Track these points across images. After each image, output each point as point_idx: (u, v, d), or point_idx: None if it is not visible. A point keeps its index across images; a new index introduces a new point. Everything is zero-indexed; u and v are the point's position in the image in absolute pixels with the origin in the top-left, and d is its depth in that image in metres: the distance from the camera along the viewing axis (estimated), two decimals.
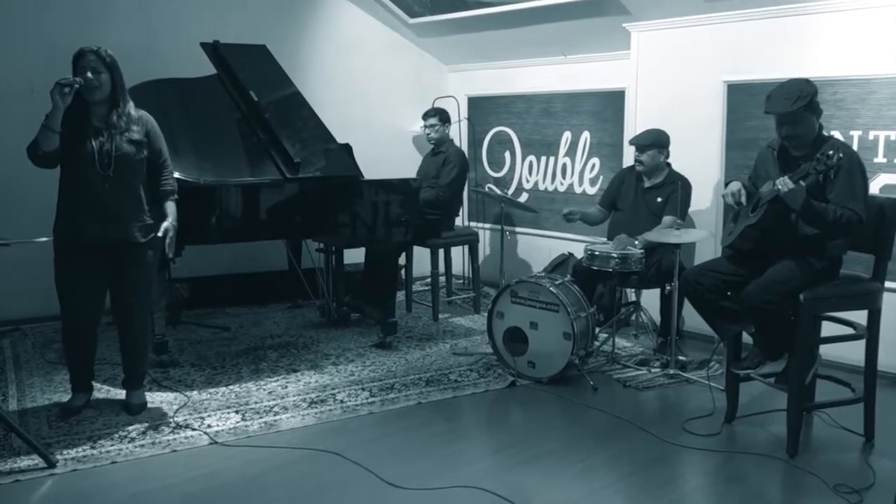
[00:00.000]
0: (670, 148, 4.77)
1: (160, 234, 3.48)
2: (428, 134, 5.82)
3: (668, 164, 4.79)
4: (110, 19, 5.32)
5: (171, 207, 3.59)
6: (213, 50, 4.88)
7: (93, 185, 3.36)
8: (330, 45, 6.34)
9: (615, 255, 4.34)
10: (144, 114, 3.56)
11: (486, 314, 4.52)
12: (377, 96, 6.59)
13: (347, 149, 5.20)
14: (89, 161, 3.34)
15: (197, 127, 4.50)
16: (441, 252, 5.77)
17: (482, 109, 6.67)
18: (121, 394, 3.85)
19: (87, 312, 3.54)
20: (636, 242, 4.43)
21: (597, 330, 4.46)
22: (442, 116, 5.78)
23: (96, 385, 3.97)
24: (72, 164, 3.37)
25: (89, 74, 3.31)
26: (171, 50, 5.38)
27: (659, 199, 4.72)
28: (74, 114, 3.32)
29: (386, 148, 6.44)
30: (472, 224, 6.64)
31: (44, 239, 3.34)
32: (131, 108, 3.48)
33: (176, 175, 4.06)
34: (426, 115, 5.83)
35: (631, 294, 5.00)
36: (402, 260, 5.63)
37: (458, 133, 6.66)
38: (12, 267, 4.91)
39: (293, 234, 5.13)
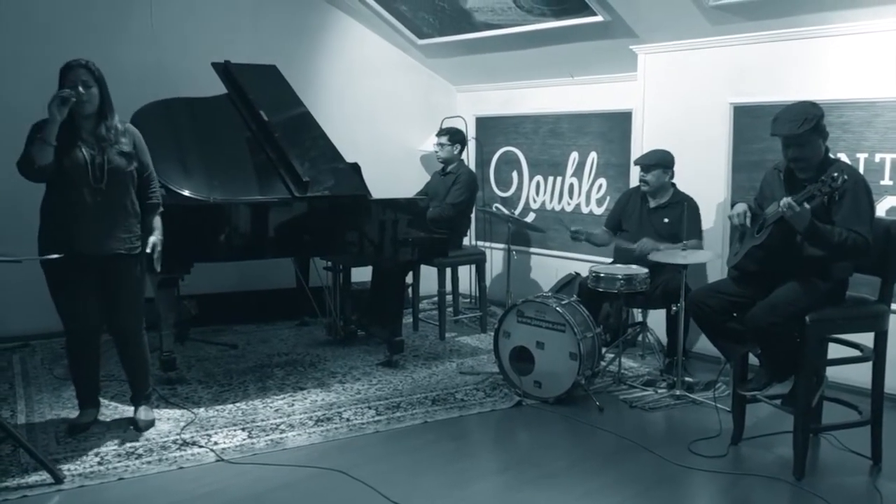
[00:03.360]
0: (676, 169, 4.78)
1: (148, 249, 3.50)
2: (437, 152, 5.83)
3: (673, 185, 4.79)
4: (122, 39, 5.37)
5: (157, 222, 3.62)
6: (224, 69, 4.91)
7: (85, 198, 3.36)
8: (340, 66, 6.38)
9: (620, 277, 4.35)
10: (130, 126, 3.59)
11: (492, 333, 4.53)
12: (386, 116, 6.62)
13: (356, 168, 5.22)
14: (81, 174, 3.35)
15: (207, 145, 4.53)
16: (448, 271, 5.76)
17: (490, 129, 6.70)
18: (129, 410, 3.86)
19: (87, 325, 3.55)
20: (661, 247, 4.41)
21: (603, 350, 4.45)
22: (453, 137, 5.76)
23: (104, 402, 3.98)
24: (62, 177, 3.36)
25: (80, 88, 3.33)
26: (181, 69, 5.41)
27: (665, 220, 4.73)
28: (61, 128, 3.32)
29: (394, 167, 6.46)
30: (480, 243, 6.64)
31: (55, 256, 3.34)
32: (118, 121, 3.51)
33: (185, 193, 4.14)
34: (439, 133, 5.84)
35: (637, 314, 4.99)
36: (409, 279, 5.60)
37: (467, 153, 6.67)
38: (22, 283, 4.87)
39: (301, 252, 5.15)
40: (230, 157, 4.54)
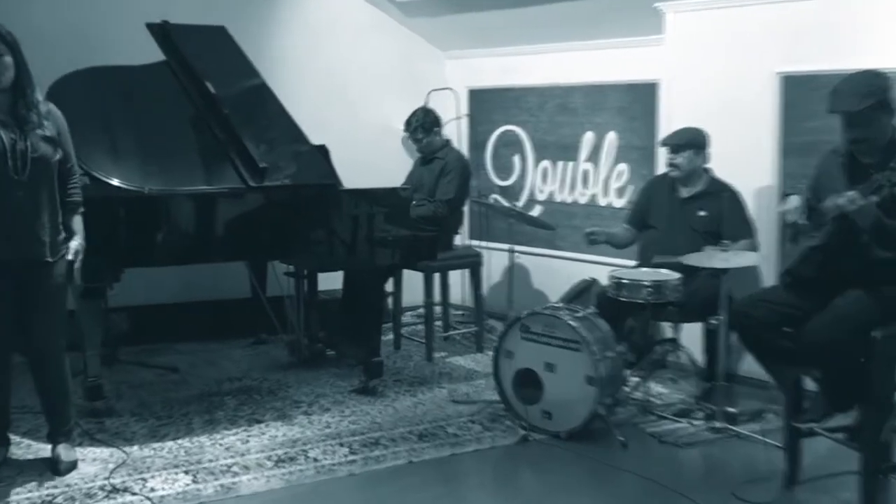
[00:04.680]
0: (711, 152, 4.78)
1: (70, 255, 3.51)
2: (416, 147, 5.91)
3: (707, 170, 4.80)
4: (30, 3, 5.28)
5: (78, 223, 3.62)
6: (162, 32, 4.90)
7: (5, 193, 3.35)
8: (301, 28, 6.35)
9: (647, 284, 4.34)
10: (53, 107, 3.58)
11: (491, 353, 4.52)
12: (359, 89, 6.60)
13: (323, 151, 5.21)
14: (1, 164, 3.33)
15: (141, 125, 4.53)
16: (437, 277, 5.75)
17: (486, 104, 6.68)
18: (46, 449, 3.82)
19: None
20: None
21: (627, 373, 4.44)
22: (426, 124, 5.83)
23: (14, 438, 3.93)
24: None
25: None
26: (109, 32, 5.36)
27: (701, 213, 4.72)
28: None
29: (369, 150, 6.43)
30: (474, 243, 6.62)
31: None
32: (39, 98, 3.48)
33: (114, 182, 4.15)
34: (407, 127, 5.92)
35: (668, 329, 4.99)
36: (388, 286, 5.62)
37: (458, 133, 6.69)
38: None
39: (256, 255, 5.11)
40: (169, 138, 4.54)
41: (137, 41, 4.90)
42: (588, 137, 6.02)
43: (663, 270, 4.51)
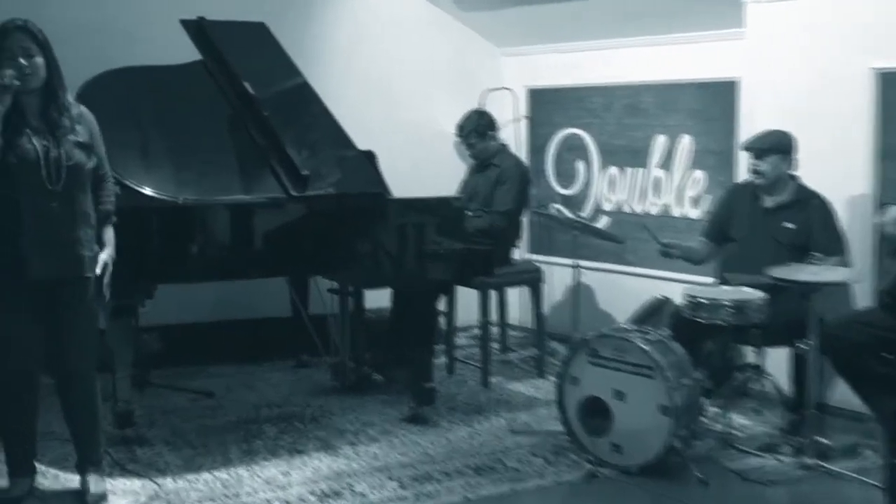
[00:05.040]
0: (798, 157, 4.72)
1: (98, 269, 3.53)
2: (469, 153, 5.91)
3: (794, 178, 4.74)
4: None
5: (108, 234, 3.65)
6: (197, 29, 4.94)
7: (37, 203, 3.39)
8: (346, 24, 6.39)
9: (728, 303, 4.27)
10: (85, 110, 3.63)
11: (554, 379, 4.50)
12: (408, 89, 6.61)
13: (369, 157, 5.23)
14: (32, 173, 3.37)
15: (175, 129, 4.57)
16: (493, 295, 5.74)
17: (547, 105, 6.66)
18: (74, 480, 3.84)
19: (24, 365, 3.57)
20: None
21: (704, 402, 4.39)
22: (480, 127, 5.82)
23: (42, 468, 3.96)
24: (6, 178, 3.38)
25: (22, 60, 3.34)
26: (143, 29, 5.44)
27: (788, 225, 4.66)
28: (5, 113, 3.34)
29: (419, 156, 6.46)
30: (534, 257, 6.61)
31: None
32: (71, 101, 3.53)
33: (146, 191, 4.20)
34: (460, 131, 5.92)
35: (750, 354, 4.91)
36: (441, 305, 5.57)
37: (515, 136, 6.67)
38: None
39: (298, 270, 5.17)
40: (205, 143, 4.58)
41: (172, 39, 4.96)
42: (660, 141, 5.97)
43: (745, 288, 4.44)
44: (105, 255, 3.61)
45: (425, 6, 6.66)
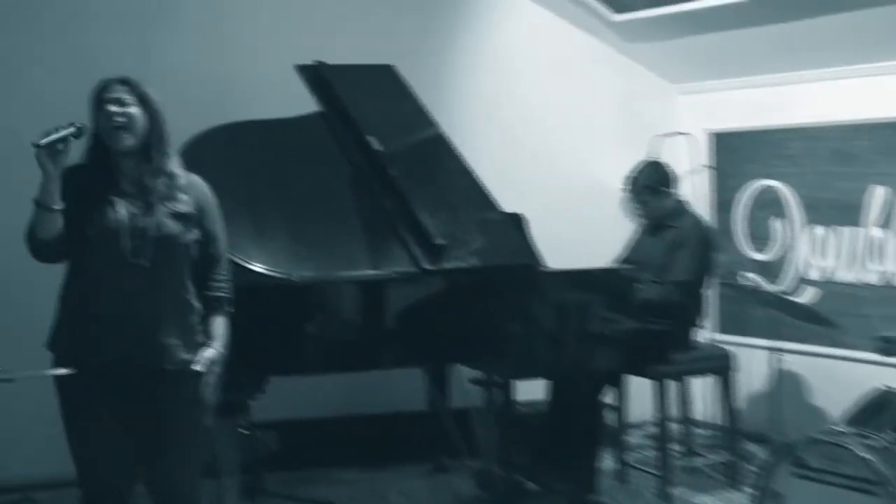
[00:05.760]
0: None
1: (199, 366, 3.48)
2: (639, 212, 5.83)
3: None
4: (168, 38, 5.62)
5: (218, 326, 3.61)
6: (315, 75, 5.06)
7: (119, 280, 3.38)
8: (488, 63, 6.47)
9: None
10: (197, 179, 3.62)
11: (751, 492, 4.39)
12: (564, 138, 6.63)
13: (517, 221, 5.25)
14: (114, 245, 3.37)
15: (288, 193, 4.66)
16: (673, 386, 5.64)
17: (734, 152, 6.62)
18: None
19: (112, 479, 3.54)
20: None
21: None
22: (655, 182, 5.69)
23: None
24: (86, 248, 3.40)
25: (112, 108, 3.37)
26: (253, 78, 5.62)
27: None
28: (94, 172, 3.40)
29: (579, 217, 6.46)
30: (723, 339, 6.49)
31: (63, 371, 3.38)
32: (176, 165, 3.54)
33: (256, 267, 4.24)
34: (630, 186, 5.80)
35: None
36: (609, 398, 5.50)
37: (694, 191, 6.55)
38: (18, 411, 5.08)
39: (435, 358, 5.13)
40: (323, 209, 4.65)
41: (286, 88, 5.08)
42: (878, 194, 5.81)
43: None
44: (211, 351, 3.56)
45: (585, 40, 6.70)
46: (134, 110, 3.42)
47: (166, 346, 3.45)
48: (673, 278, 5.44)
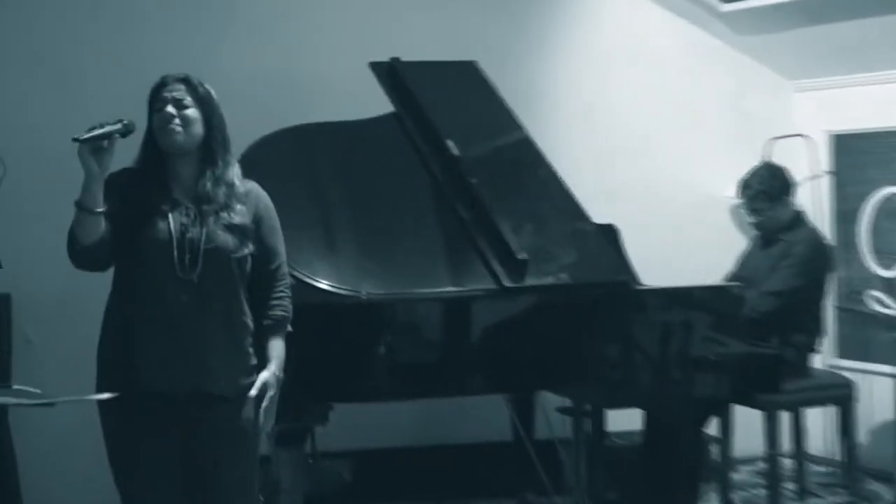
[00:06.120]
0: None
1: (253, 391, 3.46)
2: (750, 220, 5.73)
3: None
4: (228, 34, 5.67)
5: (276, 346, 3.57)
6: (389, 73, 5.07)
7: (166, 296, 3.37)
8: (582, 60, 6.47)
9: None
10: (254, 186, 3.61)
11: None
12: (664, 139, 6.58)
13: (610, 233, 5.19)
14: (161, 257, 3.37)
15: (359, 202, 4.66)
16: (785, 417, 5.55)
17: (859, 156, 6.54)
18: None
19: None
20: None
21: None
22: (774, 188, 5.58)
23: None
24: (132, 261, 3.41)
25: (169, 108, 3.38)
26: (321, 76, 5.65)
27: None
28: (146, 177, 3.41)
29: (681, 229, 6.42)
30: (843, 364, 6.37)
31: (105, 396, 3.39)
32: (235, 173, 3.52)
33: (321, 283, 4.23)
34: (744, 191, 5.72)
35: None
36: (712, 429, 5.47)
37: (813, 199, 6.48)
38: (60, 437, 5.15)
39: (518, 384, 5.03)
40: (394, 219, 4.63)
41: (357, 87, 5.13)
42: None
43: None
44: (267, 374, 3.52)
45: (691, 32, 6.65)
46: (192, 112, 3.43)
47: (215, 370, 3.44)
48: (767, 288, 5.38)
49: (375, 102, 4.97)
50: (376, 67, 5.05)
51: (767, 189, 5.60)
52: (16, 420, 4.88)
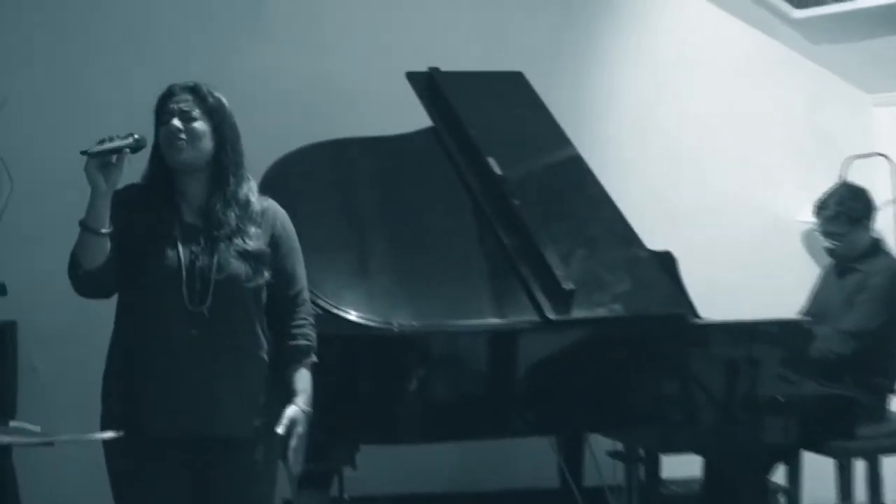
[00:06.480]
0: None
1: (280, 429, 3.41)
2: (825, 246, 5.64)
3: None
4: (254, 41, 5.68)
5: (302, 378, 3.54)
6: (428, 84, 5.12)
7: (173, 330, 3.37)
8: (639, 70, 6.46)
9: None
10: (272, 204, 3.60)
11: None
12: (729, 157, 6.56)
13: (667, 261, 5.20)
14: (169, 287, 3.36)
15: (391, 225, 4.69)
16: (860, 466, 5.47)
17: None
18: None
19: None
20: None
21: None
22: (854, 210, 5.52)
23: None
24: (137, 290, 3.41)
25: (175, 122, 3.37)
26: (354, 87, 5.68)
27: None
28: (151, 195, 3.41)
29: (743, 256, 6.39)
30: None
31: (110, 435, 3.38)
32: (251, 190, 3.51)
33: (350, 315, 4.21)
34: (820, 211, 5.66)
35: None
36: (779, 477, 5.38)
37: (893, 225, 6.36)
38: (62, 479, 5.19)
39: (565, 426, 5.04)
40: (429, 244, 4.64)
41: (393, 99, 5.17)
42: None
43: None
44: (294, 409, 3.50)
45: (760, 40, 6.63)
46: (199, 126, 3.41)
47: (227, 411, 3.43)
48: (845, 327, 5.32)
49: (412, 115, 4.99)
50: (413, 78, 5.08)
51: (847, 210, 5.53)
52: (19, 457, 4.90)
